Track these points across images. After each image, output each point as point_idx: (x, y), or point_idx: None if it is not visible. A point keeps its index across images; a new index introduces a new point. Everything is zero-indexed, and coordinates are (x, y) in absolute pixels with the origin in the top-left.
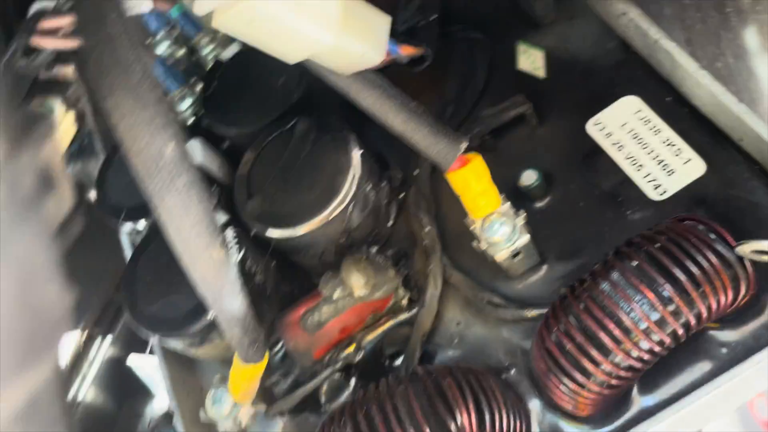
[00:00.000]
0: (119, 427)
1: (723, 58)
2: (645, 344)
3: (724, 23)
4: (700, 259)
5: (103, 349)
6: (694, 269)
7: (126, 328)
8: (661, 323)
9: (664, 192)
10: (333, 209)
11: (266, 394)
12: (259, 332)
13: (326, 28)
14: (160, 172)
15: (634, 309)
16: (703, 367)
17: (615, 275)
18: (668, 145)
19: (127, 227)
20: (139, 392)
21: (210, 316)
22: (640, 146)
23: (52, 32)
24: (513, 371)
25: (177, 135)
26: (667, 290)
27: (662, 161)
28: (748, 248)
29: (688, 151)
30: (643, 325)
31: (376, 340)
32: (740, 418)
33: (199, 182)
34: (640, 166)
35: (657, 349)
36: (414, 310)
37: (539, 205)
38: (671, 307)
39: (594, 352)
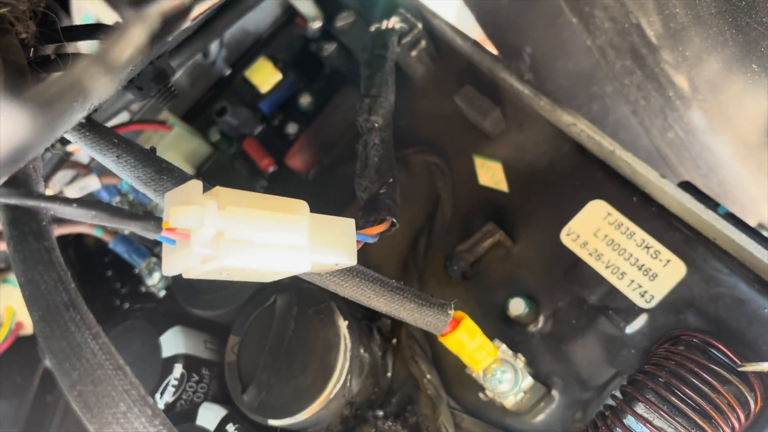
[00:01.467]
0: None
1: (673, 130)
2: None
3: (668, 103)
4: (705, 389)
5: None
6: (702, 402)
7: None
8: None
9: (652, 298)
10: (332, 388)
11: None
12: None
13: (298, 260)
14: None
15: None
16: None
17: (628, 419)
18: (644, 248)
19: None
20: None
21: None
22: (618, 253)
23: None
24: None
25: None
26: (683, 427)
27: (642, 266)
28: (750, 369)
29: (665, 252)
30: None
31: None
32: None
33: None
34: (623, 273)
35: None
36: None
37: (533, 329)
38: None
39: None
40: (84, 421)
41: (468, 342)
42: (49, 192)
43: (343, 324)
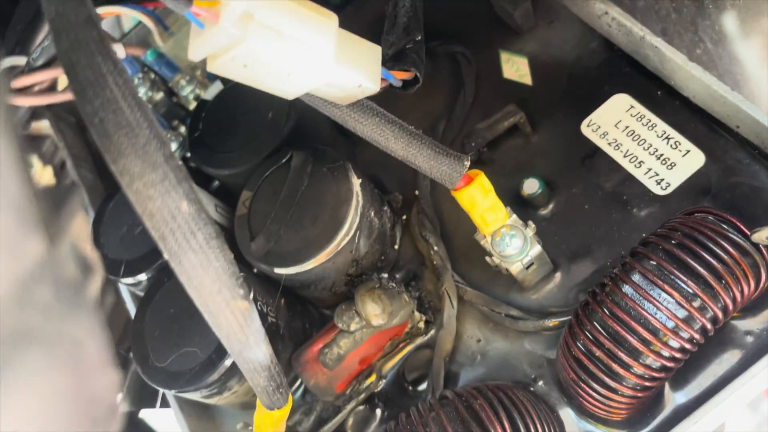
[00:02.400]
0: None
1: (702, 44)
2: (675, 343)
3: (700, 11)
4: (718, 251)
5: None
6: (714, 262)
7: (134, 381)
8: (688, 320)
9: (668, 186)
10: (340, 240)
11: None
12: (283, 377)
13: (323, 65)
14: (176, 233)
15: (659, 309)
16: (732, 357)
17: (636, 277)
18: (665, 138)
19: (129, 282)
20: None
21: (227, 362)
22: (637, 143)
23: (27, 89)
24: (540, 383)
25: (190, 192)
26: (691, 286)
27: (661, 155)
28: (763, 235)
29: (685, 143)
30: (671, 324)
31: (396, 366)
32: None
33: (217, 236)
34: (641, 162)
35: (688, 346)
36: (432, 332)
37: (544, 212)
38: (696, 303)
39: (624, 356)
40: (102, 150)
41: (480, 200)
42: None
43: (356, 181)
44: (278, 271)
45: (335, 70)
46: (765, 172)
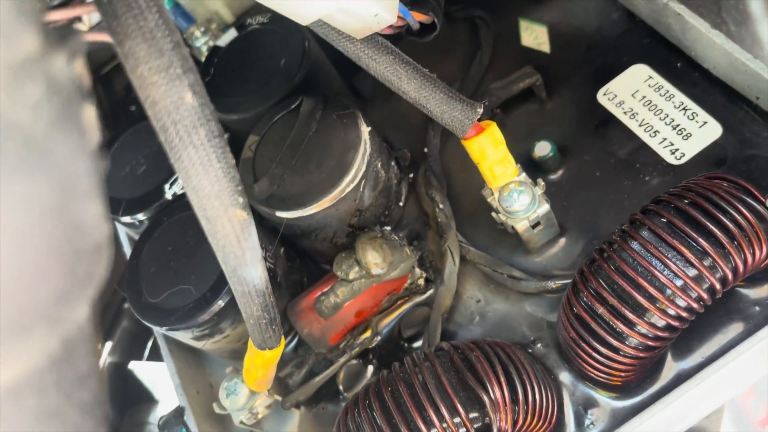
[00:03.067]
0: None
1: (725, 26)
2: (682, 302)
3: None
4: (731, 211)
5: (103, 356)
6: (727, 222)
7: (124, 334)
8: (697, 279)
9: (682, 156)
10: (345, 186)
11: (280, 387)
12: (276, 313)
13: None
14: (177, 125)
15: (668, 266)
16: (737, 327)
17: (645, 233)
18: (682, 109)
19: (127, 221)
20: (143, 400)
21: (221, 302)
22: (654, 113)
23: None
24: (539, 345)
25: (196, 84)
26: (701, 245)
27: (677, 126)
28: None
29: (703, 115)
30: (679, 282)
31: (392, 323)
32: (733, 418)
33: (219, 135)
34: (656, 132)
35: (695, 305)
36: (431, 291)
37: (554, 177)
38: (707, 262)
39: (629, 313)
40: (109, 31)
41: (491, 152)
42: None
43: (365, 129)
44: (280, 214)
45: None
46: None
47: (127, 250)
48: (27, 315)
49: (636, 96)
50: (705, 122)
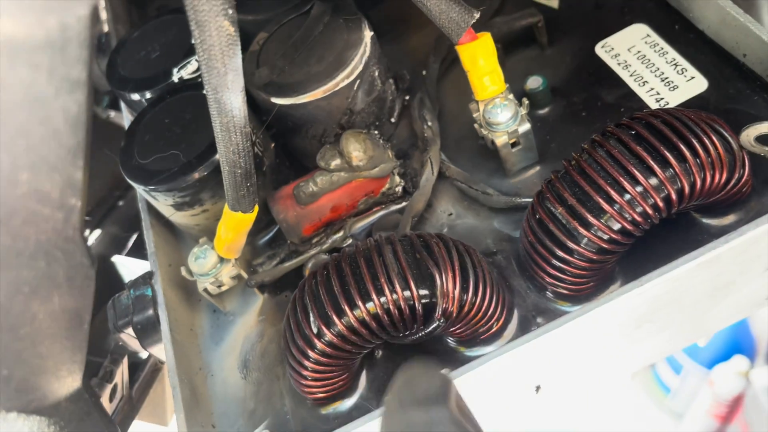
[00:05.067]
0: (95, 326)
1: None
2: (639, 207)
3: None
4: (701, 134)
5: (90, 241)
6: (694, 141)
7: (113, 227)
8: (656, 188)
9: (666, 105)
10: (340, 80)
11: (249, 271)
12: (254, 172)
13: None
14: None
15: (629, 172)
16: (685, 251)
17: (613, 141)
18: (673, 65)
19: (135, 97)
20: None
21: (204, 171)
22: (646, 65)
23: None
24: (500, 257)
25: None
26: (665, 155)
27: (666, 78)
28: (752, 133)
29: (691, 70)
30: (639, 188)
31: (366, 227)
32: None
33: None
34: (645, 82)
35: (650, 212)
36: (407, 200)
37: (542, 112)
38: (668, 173)
39: (586, 214)
40: None
41: (482, 61)
42: None
43: (368, 33)
44: (274, 100)
45: None
46: (764, 103)
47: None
48: None
49: (632, 50)
50: (692, 77)
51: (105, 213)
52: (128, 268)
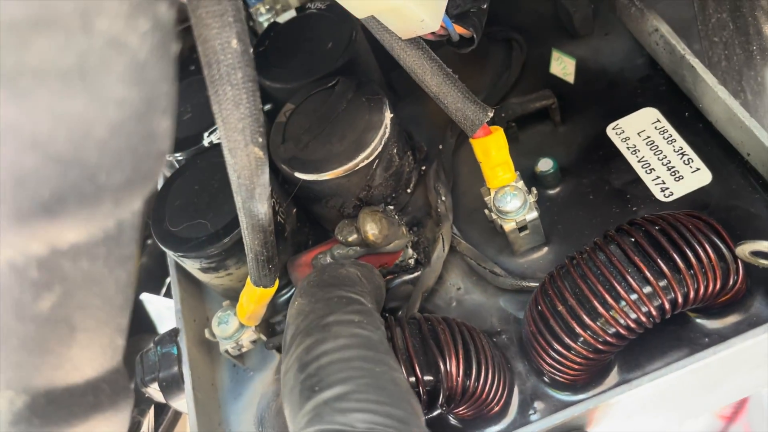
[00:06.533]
0: (124, 358)
1: (743, 94)
2: (633, 314)
3: (747, 62)
4: (695, 244)
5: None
6: (689, 252)
7: (144, 266)
8: (650, 296)
9: (671, 195)
10: (359, 161)
11: (268, 330)
12: (275, 254)
13: None
14: (221, 63)
15: (626, 279)
16: (683, 353)
17: (613, 247)
18: (680, 154)
19: (167, 159)
20: (147, 330)
21: (229, 240)
22: (654, 152)
23: None
24: (504, 336)
25: (243, 33)
26: (660, 266)
27: (672, 167)
28: (747, 248)
29: (697, 161)
30: (634, 296)
31: None
32: None
33: (253, 80)
34: (652, 169)
35: (643, 319)
36: (419, 273)
37: (551, 192)
38: (662, 283)
39: (584, 316)
40: None
41: (494, 153)
42: None
43: (388, 115)
44: (298, 175)
45: None
46: (763, 203)
47: (160, 182)
48: (101, 190)
49: (641, 135)
50: (698, 168)
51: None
52: (156, 309)
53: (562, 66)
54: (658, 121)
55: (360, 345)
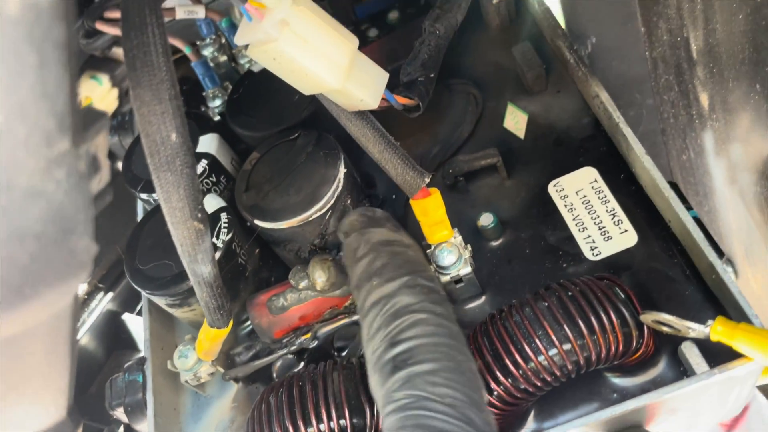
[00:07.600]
0: (104, 374)
1: (687, 152)
2: (541, 374)
3: (689, 123)
4: (601, 312)
5: (104, 302)
6: (593, 319)
7: (126, 289)
8: (555, 358)
9: (599, 254)
10: (312, 213)
11: (227, 360)
12: (227, 302)
13: (335, 75)
14: (161, 153)
15: (536, 342)
16: (593, 407)
17: (527, 310)
18: (611, 214)
19: (143, 197)
20: (128, 347)
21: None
22: (588, 212)
23: (115, 21)
24: None
25: (181, 127)
26: (566, 332)
27: (603, 227)
28: (650, 317)
29: (626, 223)
30: (541, 357)
31: (329, 332)
32: None
33: (192, 166)
34: (585, 228)
35: (549, 379)
36: None
37: (492, 245)
38: (567, 346)
39: (497, 371)
40: (128, 78)
41: (432, 213)
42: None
43: (342, 170)
44: (257, 222)
45: (344, 82)
46: (680, 268)
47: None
48: (28, 298)
49: (579, 194)
50: (626, 230)
51: (120, 274)
52: (137, 328)
53: (515, 121)
54: (596, 181)
55: (445, 334)
